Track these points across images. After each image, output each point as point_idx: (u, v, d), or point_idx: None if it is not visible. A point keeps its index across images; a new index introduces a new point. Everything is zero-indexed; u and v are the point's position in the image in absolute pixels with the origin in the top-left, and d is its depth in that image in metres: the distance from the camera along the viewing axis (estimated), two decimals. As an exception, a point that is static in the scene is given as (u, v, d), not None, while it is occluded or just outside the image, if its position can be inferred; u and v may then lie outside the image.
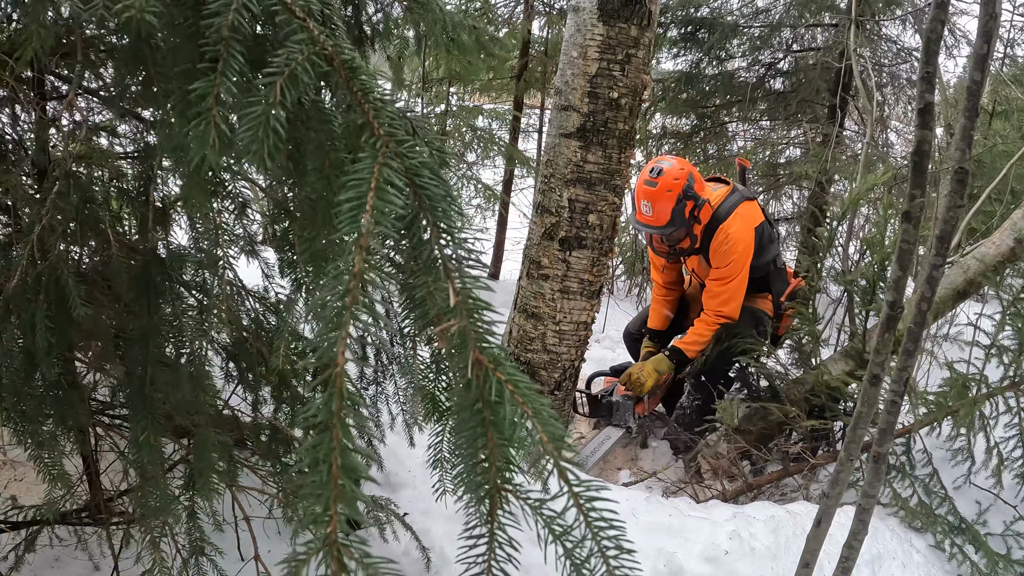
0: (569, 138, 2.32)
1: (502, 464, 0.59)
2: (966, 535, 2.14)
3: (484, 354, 0.60)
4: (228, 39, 0.64)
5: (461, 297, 0.61)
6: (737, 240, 2.84)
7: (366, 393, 1.82)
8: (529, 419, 0.58)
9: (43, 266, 1.05)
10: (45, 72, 1.13)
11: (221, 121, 0.63)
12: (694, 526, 1.99)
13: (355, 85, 0.67)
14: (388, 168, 0.61)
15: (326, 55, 0.66)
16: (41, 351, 1.06)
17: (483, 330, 0.60)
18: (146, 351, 1.15)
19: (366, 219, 0.57)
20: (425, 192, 0.64)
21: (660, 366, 2.97)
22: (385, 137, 0.64)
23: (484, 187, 5.70)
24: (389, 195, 0.59)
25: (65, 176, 1.04)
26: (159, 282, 1.18)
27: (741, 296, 2.90)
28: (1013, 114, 5.08)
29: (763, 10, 5.56)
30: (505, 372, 0.59)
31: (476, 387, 0.59)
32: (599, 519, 0.59)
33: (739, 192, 2.98)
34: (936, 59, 0.93)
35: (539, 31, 5.62)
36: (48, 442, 1.21)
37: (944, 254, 0.99)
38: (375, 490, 2.10)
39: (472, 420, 0.60)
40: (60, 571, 1.74)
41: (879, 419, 1.09)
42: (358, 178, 0.60)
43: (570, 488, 0.58)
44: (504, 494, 0.60)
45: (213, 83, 0.63)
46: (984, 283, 2.60)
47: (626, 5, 2.19)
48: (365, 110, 0.65)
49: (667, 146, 6.04)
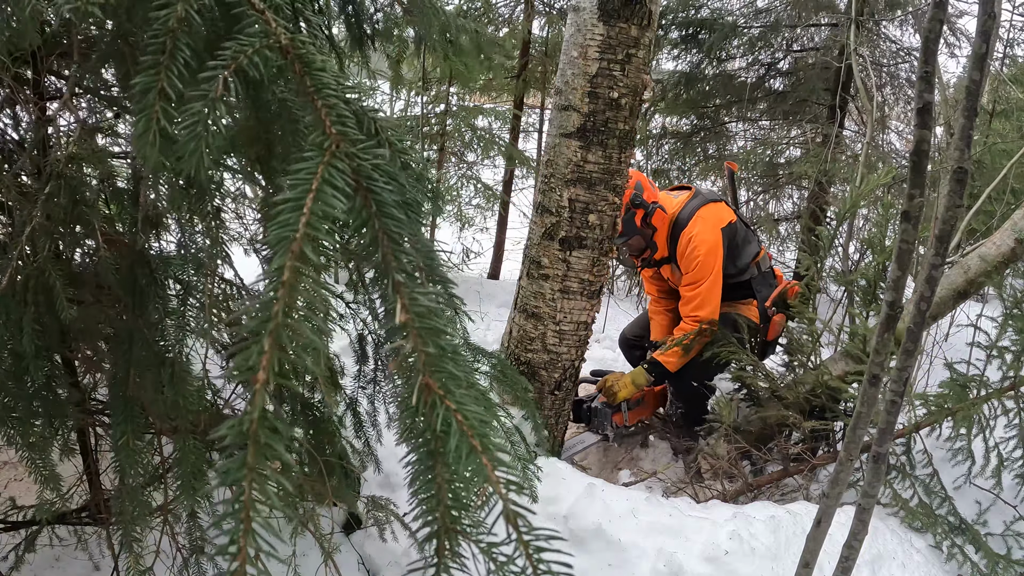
0: (569, 138, 2.32)
1: (452, 502, 0.55)
2: (966, 535, 2.14)
3: (434, 379, 0.54)
4: (175, 30, 0.60)
5: (411, 315, 0.55)
6: (699, 243, 2.82)
7: (364, 392, 1.82)
8: (478, 456, 0.53)
9: (31, 267, 1.04)
10: (43, 72, 1.13)
11: (163, 117, 0.59)
12: (694, 526, 1.99)
13: (308, 80, 0.63)
14: (333, 168, 0.57)
15: (280, 48, 0.62)
16: (29, 353, 1.04)
17: (434, 352, 0.55)
18: (129, 352, 1.13)
19: (302, 222, 0.52)
20: (376, 197, 0.59)
21: (638, 379, 2.95)
22: (336, 136, 0.59)
23: (484, 187, 5.70)
24: (329, 198, 0.54)
25: (56, 176, 1.03)
26: (145, 282, 1.16)
27: (715, 299, 2.86)
28: (1013, 114, 5.08)
29: (763, 10, 5.56)
30: (455, 401, 0.54)
31: (423, 415, 0.55)
32: (547, 573, 0.54)
33: (701, 196, 2.96)
34: (935, 58, 0.93)
35: (539, 31, 5.62)
36: (38, 443, 1.19)
37: (944, 254, 0.99)
38: (375, 490, 2.10)
39: (420, 450, 0.56)
40: (60, 571, 1.74)
41: (879, 419, 1.09)
42: (298, 179, 0.55)
43: (519, 535, 0.54)
44: (453, 535, 0.55)
45: (156, 77, 0.59)
46: (985, 283, 2.60)
47: (626, 5, 2.19)
48: (317, 107, 0.61)
49: (667, 146, 6.04)
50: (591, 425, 3.03)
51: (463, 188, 5.77)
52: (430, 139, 5.32)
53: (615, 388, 2.94)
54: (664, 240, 2.94)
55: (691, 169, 6.00)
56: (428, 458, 0.56)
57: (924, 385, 3.40)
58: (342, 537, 1.90)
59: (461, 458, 0.53)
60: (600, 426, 2.98)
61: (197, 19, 0.62)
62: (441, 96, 5.36)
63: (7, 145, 1.24)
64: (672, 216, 2.92)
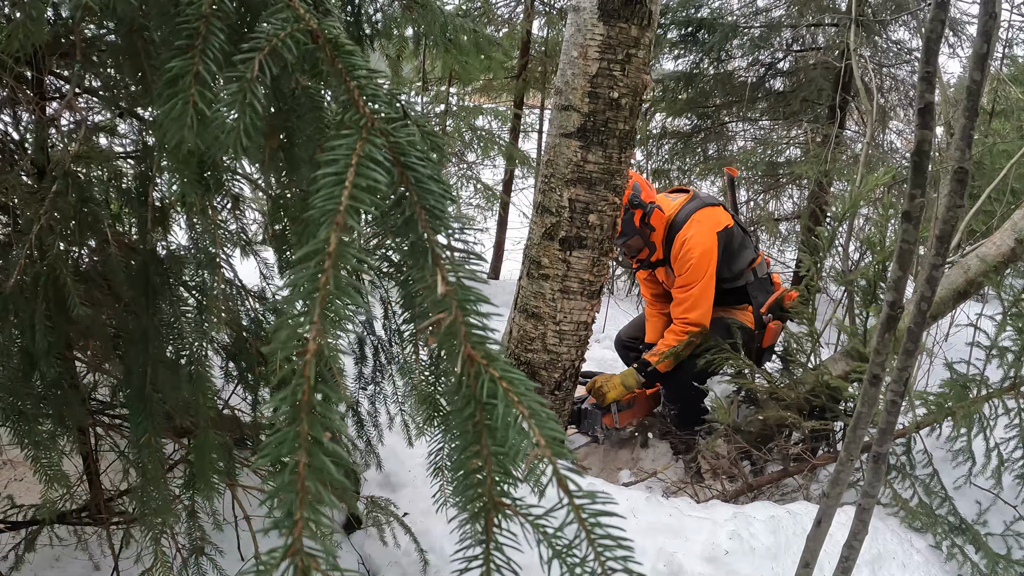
0: (569, 138, 2.32)
1: (499, 476, 0.53)
2: (966, 535, 2.14)
3: (477, 350, 0.53)
4: (208, 16, 0.61)
5: (451, 287, 0.55)
6: (693, 246, 2.82)
7: (364, 393, 1.82)
8: (525, 420, 0.51)
9: (41, 265, 1.04)
10: (45, 72, 1.13)
11: (200, 100, 0.59)
12: (694, 526, 1.99)
13: (340, 62, 0.63)
14: (371, 144, 0.57)
15: (311, 31, 0.63)
16: (40, 351, 1.04)
17: (476, 324, 0.54)
18: (146, 351, 1.14)
19: (345, 195, 0.52)
20: (412, 172, 0.59)
21: (628, 380, 2.95)
22: (371, 114, 0.59)
23: (484, 187, 5.71)
24: (371, 171, 0.55)
25: (64, 175, 1.04)
26: (158, 282, 1.16)
27: (707, 303, 2.85)
28: (1013, 113, 5.08)
29: (763, 10, 5.56)
30: (499, 369, 0.53)
31: (467, 386, 0.53)
32: (604, 536, 0.51)
33: (698, 199, 2.96)
34: (936, 59, 0.93)
35: (539, 31, 5.63)
36: (46, 442, 1.19)
37: (944, 254, 0.99)
38: (375, 490, 2.10)
39: (465, 424, 0.54)
40: (60, 571, 1.74)
41: (879, 419, 1.09)
42: (338, 154, 0.55)
43: (571, 499, 0.51)
44: (501, 510, 0.53)
45: (191, 61, 0.60)
46: (985, 283, 2.59)
47: (626, 5, 2.19)
48: (350, 87, 0.61)
49: (667, 146, 6.04)
50: (581, 427, 3.03)
51: (463, 188, 5.77)
52: (430, 139, 5.31)
53: (604, 389, 2.94)
54: (660, 241, 2.94)
55: (691, 169, 6.00)
56: (474, 430, 0.54)
57: (924, 385, 3.40)
58: (342, 537, 1.90)
59: (510, 425, 0.51)
60: (590, 428, 2.98)
61: (229, 4, 0.63)
62: (441, 96, 5.36)
63: (8, 146, 1.24)
64: (669, 218, 2.92)
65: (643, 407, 3.17)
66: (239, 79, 0.59)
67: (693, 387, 2.90)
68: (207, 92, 0.60)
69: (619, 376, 2.97)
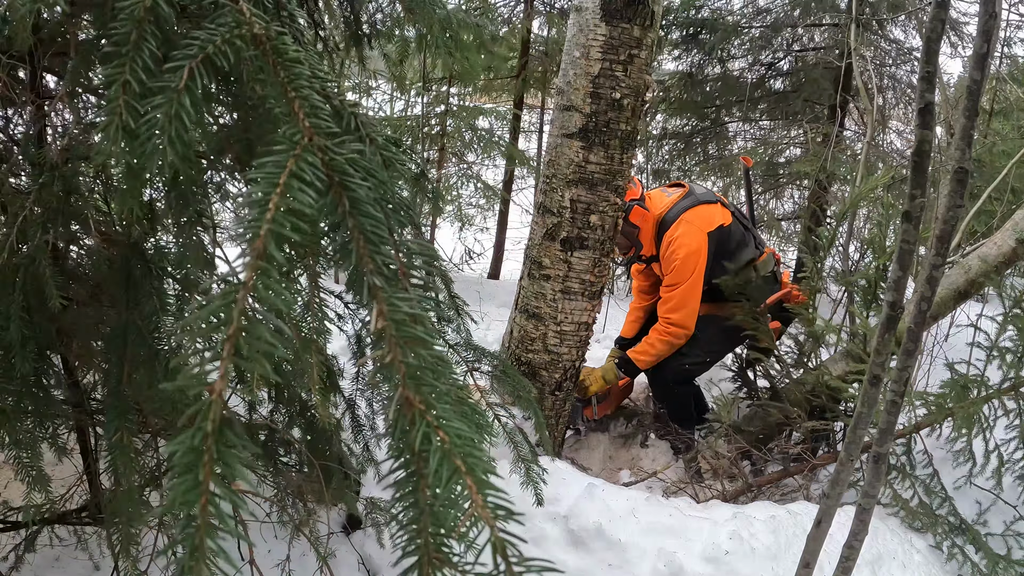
0: (571, 138, 2.31)
1: (435, 528, 0.49)
2: (966, 535, 2.13)
3: (415, 392, 0.49)
4: (142, 20, 0.57)
5: (389, 322, 0.50)
6: (679, 247, 2.80)
7: (362, 395, 1.81)
8: (462, 477, 0.48)
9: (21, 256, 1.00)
10: (39, 70, 1.13)
11: (126, 111, 0.55)
12: (694, 526, 1.99)
13: (282, 72, 0.59)
14: (303, 162, 0.53)
15: (253, 37, 0.59)
16: (16, 343, 1.00)
17: (417, 364, 0.50)
18: (123, 347, 1.09)
19: (267, 218, 0.48)
20: (350, 193, 0.54)
21: (608, 375, 2.97)
22: (309, 129, 0.55)
23: (485, 187, 5.71)
24: (297, 192, 0.50)
25: (50, 168, 1.01)
26: (139, 276, 1.12)
27: (692, 304, 2.83)
28: (1013, 113, 5.08)
29: (764, 10, 5.56)
30: (437, 416, 0.49)
31: (403, 431, 0.50)
32: None
33: (693, 196, 2.92)
34: (936, 59, 0.93)
35: (539, 30, 5.63)
36: (26, 441, 1.15)
37: (944, 254, 0.98)
38: (374, 491, 2.10)
39: (403, 472, 0.51)
40: (60, 571, 1.74)
41: (879, 419, 1.09)
42: (266, 173, 0.51)
43: (508, 569, 0.47)
44: (438, 567, 0.49)
45: (120, 69, 0.56)
46: (986, 283, 2.59)
47: (629, 5, 2.19)
48: (290, 98, 0.57)
49: (667, 146, 6.04)
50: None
51: (463, 188, 5.77)
52: (431, 139, 5.32)
53: (587, 383, 2.96)
54: (650, 239, 2.93)
55: (691, 170, 6.00)
56: (409, 479, 0.50)
57: (924, 385, 3.39)
58: (342, 538, 1.90)
59: (442, 480, 0.48)
60: (572, 421, 3.00)
61: (165, 8, 0.58)
62: (441, 97, 5.36)
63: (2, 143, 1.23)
64: (659, 216, 2.89)
65: (617, 397, 3.19)
66: (164, 89, 0.55)
67: (679, 384, 2.95)
68: (134, 103, 0.56)
69: (600, 370, 3.00)
